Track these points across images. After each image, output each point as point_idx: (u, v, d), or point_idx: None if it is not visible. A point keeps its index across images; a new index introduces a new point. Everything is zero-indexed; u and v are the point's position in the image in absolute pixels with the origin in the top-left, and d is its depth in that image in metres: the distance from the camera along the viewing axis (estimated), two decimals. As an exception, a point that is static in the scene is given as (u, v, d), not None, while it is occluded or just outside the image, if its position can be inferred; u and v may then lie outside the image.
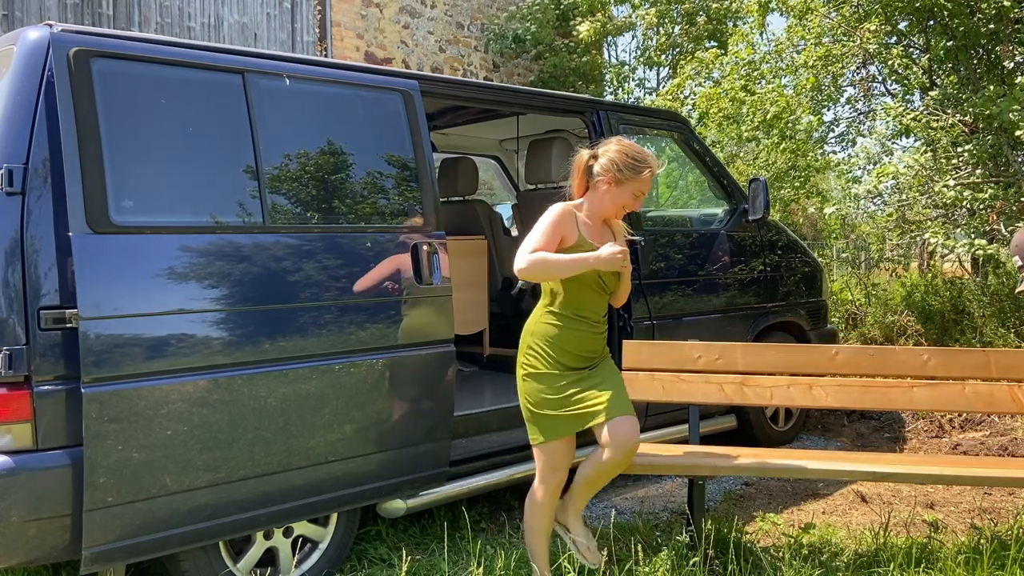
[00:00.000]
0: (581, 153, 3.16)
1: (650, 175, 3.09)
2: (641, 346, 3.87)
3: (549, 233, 3.05)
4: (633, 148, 3.10)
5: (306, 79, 3.32)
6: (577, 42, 11.01)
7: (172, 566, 3.04)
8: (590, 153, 3.14)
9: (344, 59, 9.07)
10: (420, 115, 3.57)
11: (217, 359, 2.90)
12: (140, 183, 2.86)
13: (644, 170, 3.06)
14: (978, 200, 6.43)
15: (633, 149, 3.09)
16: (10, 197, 2.63)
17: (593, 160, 3.12)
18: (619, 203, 3.12)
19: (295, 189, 3.21)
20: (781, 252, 5.42)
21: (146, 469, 2.75)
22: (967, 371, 3.58)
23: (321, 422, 3.14)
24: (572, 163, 3.18)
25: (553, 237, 3.05)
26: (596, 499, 4.48)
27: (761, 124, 8.26)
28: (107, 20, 7.71)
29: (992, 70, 7.16)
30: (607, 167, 3.06)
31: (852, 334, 7.88)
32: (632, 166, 3.05)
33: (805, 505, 4.38)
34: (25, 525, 2.61)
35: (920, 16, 7.19)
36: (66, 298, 2.67)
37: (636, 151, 3.09)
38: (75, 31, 2.81)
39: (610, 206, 3.12)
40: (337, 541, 3.40)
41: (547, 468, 3.11)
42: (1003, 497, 4.45)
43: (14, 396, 2.61)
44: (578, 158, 3.16)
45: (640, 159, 3.07)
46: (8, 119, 2.69)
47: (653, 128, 5.20)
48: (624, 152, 3.07)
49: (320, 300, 3.16)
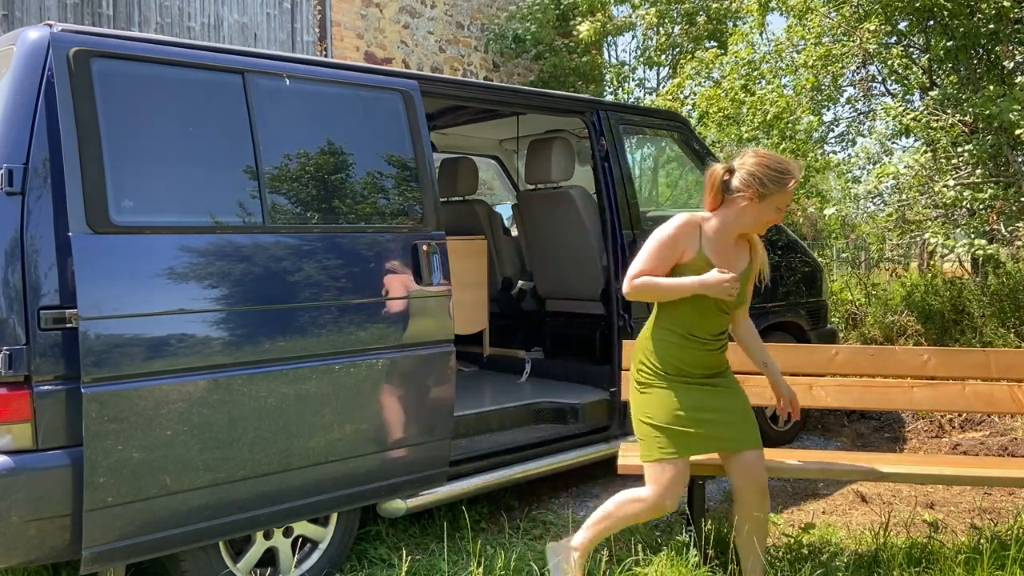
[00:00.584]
0: (715, 168, 2.99)
1: (795, 185, 2.92)
2: (641, 346, 3.86)
3: (659, 253, 2.94)
4: (774, 159, 2.93)
5: (306, 79, 3.31)
6: (577, 42, 11.01)
7: (172, 566, 3.04)
8: (725, 167, 2.97)
9: (344, 59, 9.07)
10: (420, 115, 3.57)
11: (217, 359, 2.90)
12: (140, 183, 2.86)
13: (789, 181, 2.89)
14: (978, 200, 6.43)
15: (774, 160, 2.93)
16: (10, 197, 2.63)
17: (729, 175, 2.95)
18: (763, 219, 2.97)
19: (295, 189, 3.21)
20: (781, 252, 5.42)
21: (146, 469, 2.75)
22: (967, 371, 3.59)
23: (321, 422, 3.14)
24: (705, 179, 3.01)
25: (665, 257, 2.94)
26: (596, 499, 4.47)
27: (761, 124, 8.26)
28: (107, 20, 7.70)
29: (992, 70, 7.15)
30: (748, 182, 2.88)
31: (852, 334, 7.88)
32: (776, 179, 2.88)
33: (805, 505, 4.38)
34: (25, 525, 2.61)
35: (920, 16, 7.19)
36: (66, 298, 2.67)
37: (777, 161, 2.92)
38: (75, 31, 2.81)
39: (751, 222, 2.97)
40: (337, 541, 3.40)
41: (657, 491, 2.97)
42: (1003, 497, 4.44)
43: (14, 396, 2.61)
44: (712, 173, 2.98)
45: (783, 170, 2.90)
46: (8, 119, 2.69)
47: (653, 128, 5.20)
48: (765, 164, 2.89)
49: (320, 300, 3.16)
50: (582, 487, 4.66)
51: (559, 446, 4.22)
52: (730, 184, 2.95)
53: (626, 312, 4.41)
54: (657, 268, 2.94)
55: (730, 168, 2.97)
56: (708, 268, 2.92)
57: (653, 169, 9.38)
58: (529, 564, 3.27)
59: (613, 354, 4.37)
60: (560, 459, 4.17)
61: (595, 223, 4.77)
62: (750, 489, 3.05)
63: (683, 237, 2.95)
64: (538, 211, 5.22)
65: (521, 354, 5.34)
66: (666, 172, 8.90)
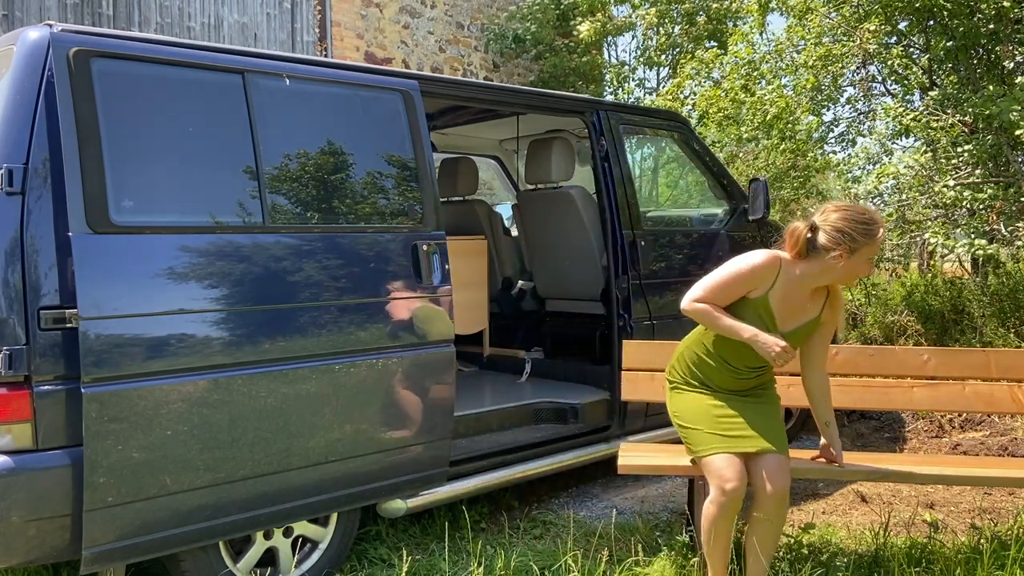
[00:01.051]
0: (797, 226, 2.95)
1: (884, 233, 2.89)
2: (641, 346, 3.87)
3: (732, 286, 2.94)
4: (858, 211, 2.89)
5: (306, 79, 3.31)
6: (577, 42, 11.01)
7: (172, 566, 3.04)
8: (807, 225, 2.92)
9: (344, 59, 9.07)
10: (420, 115, 3.57)
11: (217, 359, 2.90)
12: (140, 183, 2.86)
13: (878, 231, 2.86)
14: (978, 200, 6.43)
15: (859, 212, 2.88)
16: (10, 197, 2.63)
17: (813, 232, 2.90)
18: (854, 273, 2.94)
19: (295, 189, 3.21)
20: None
21: (146, 469, 2.75)
22: (967, 371, 3.58)
23: (321, 422, 3.14)
24: (785, 235, 2.99)
25: (735, 292, 2.94)
26: (596, 499, 4.48)
27: (761, 124, 8.25)
28: (107, 20, 7.70)
29: (992, 70, 7.15)
30: (838, 239, 2.84)
31: (852, 334, 7.87)
32: (865, 231, 2.84)
33: (805, 505, 4.38)
34: (25, 525, 2.61)
35: (920, 16, 7.19)
36: (66, 298, 2.67)
37: (862, 214, 2.88)
38: (75, 31, 2.81)
39: (843, 276, 2.96)
40: (337, 541, 3.40)
41: (713, 482, 2.96)
42: (1003, 497, 4.44)
43: (14, 396, 2.61)
44: (794, 231, 2.94)
45: (870, 220, 2.87)
46: (8, 119, 2.69)
47: (653, 128, 5.20)
48: (851, 219, 2.85)
49: (320, 300, 3.16)
50: (582, 487, 4.66)
51: (559, 446, 4.21)
52: (816, 241, 2.90)
53: (626, 312, 4.41)
54: (723, 299, 2.95)
55: (812, 225, 2.92)
56: (767, 313, 2.94)
57: (653, 169, 9.38)
58: (529, 564, 3.27)
59: (613, 354, 4.36)
60: (560, 459, 4.17)
61: (595, 223, 4.77)
62: (766, 493, 2.96)
63: (760, 276, 2.93)
64: (538, 211, 5.22)
65: (521, 354, 5.34)
66: (666, 172, 8.90)
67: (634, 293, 4.45)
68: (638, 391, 3.77)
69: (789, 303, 2.97)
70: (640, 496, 4.52)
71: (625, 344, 3.87)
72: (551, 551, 3.51)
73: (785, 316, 3.00)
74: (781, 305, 2.96)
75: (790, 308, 2.98)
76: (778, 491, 2.97)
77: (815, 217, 2.96)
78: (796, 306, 2.99)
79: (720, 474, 2.94)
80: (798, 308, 3.00)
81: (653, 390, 3.71)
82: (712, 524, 2.96)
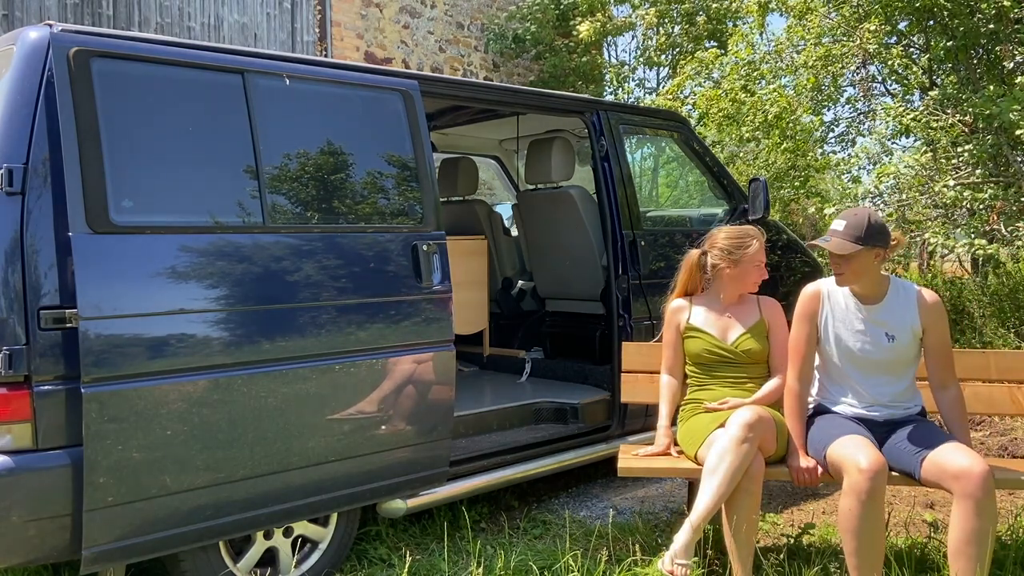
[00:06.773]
0: (691, 254, 3.55)
1: (759, 244, 3.44)
2: (641, 348, 3.87)
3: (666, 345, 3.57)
4: (734, 230, 3.49)
5: (306, 79, 3.31)
6: (577, 42, 11.01)
7: (172, 566, 3.04)
8: (699, 252, 3.53)
9: (344, 59, 9.07)
10: (420, 115, 3.57)
11: (217, 359, 2.90)
12: (140, 183, 2.86)
13: (751, 243, 3.42)
14: (978, 200, 6.44)
15: (734, 231, 3.48)
16: (10, 197, 2.63)
17: (704, 256, 3.51)
18: (748, 279, 3.45)
19: (295, 189, 3.21)
20: (781, 252, 5.41)
21: (146, 469, 2.75)
22: (967, 372, 3.58)
23: (321, 422, 3.14)
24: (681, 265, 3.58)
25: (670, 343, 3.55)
26: (596, 499, 4.48)
27: (761, 124, 8.26)
28: (107, 20, 7.71)
29: (992, 70, 7.16)
30: (720, 256, 3.44)
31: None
32: (739, 244, 3.43)
33: (805, 505, 4.38)
34: (25, 525, 2.61)
35: (920, 16, 7.19)
36: (66, 298, 2.67)
37: (737, 232, 3.48)
38: (75, 31, 2.81)
39: (742, 283, 3.45)
40: (337, 541, 3.40)
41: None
42: (1003, 497, 4.44)
43: (14, 396, 2.61)
44: (688, 259, 3.55)
45: (743, 235, 3.46)
46: (8, 119, 2.69)
47: (653, 128, 5.20)
48: (728, 237, 3.45)
49: (320, 300, 3.16)
50: (582, 487, 4.66)
51: (559, 446, 4.21)
52: (707, 264, 3.50)
53: (626, 312, 4.41)
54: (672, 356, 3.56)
55: (703, 251, 3.52)
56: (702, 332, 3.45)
57: (653, 169, 9.38)
58: (529, 564, 3.27)
59: (613, 354, 4.36)
60: (560, 459, 4.16)
61: (595, 223, 4.77)
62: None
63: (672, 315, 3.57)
64: (538, 211, 5.22)
65: (521, 354, 5.34)
66: (666, 172, 8.89)
67: (634, 293, 4.45)
68: (638, 393, 3.77)
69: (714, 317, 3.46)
70: (640, 496, 4.52)
71: (624, 346, 3.88)
72: (551, 551, 3.51)
73: (720, 329, 3.44)
74: (707, 321, 3.46)
75: (720, 321, 3.45)
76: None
77: (703, 243, 3.55)
78: (723, 317, 3.46)
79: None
80: (725, 319, 3.46)
81: (653, 392, 3.70)
82: (743, 494, 3.06)
